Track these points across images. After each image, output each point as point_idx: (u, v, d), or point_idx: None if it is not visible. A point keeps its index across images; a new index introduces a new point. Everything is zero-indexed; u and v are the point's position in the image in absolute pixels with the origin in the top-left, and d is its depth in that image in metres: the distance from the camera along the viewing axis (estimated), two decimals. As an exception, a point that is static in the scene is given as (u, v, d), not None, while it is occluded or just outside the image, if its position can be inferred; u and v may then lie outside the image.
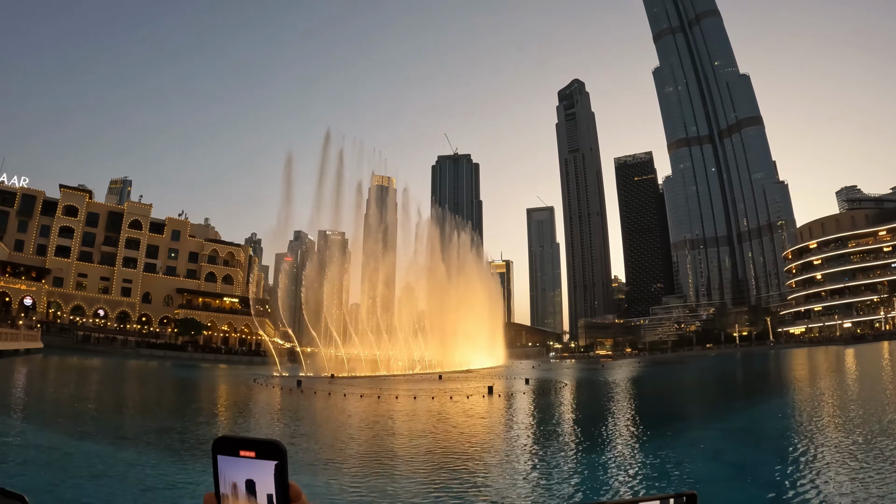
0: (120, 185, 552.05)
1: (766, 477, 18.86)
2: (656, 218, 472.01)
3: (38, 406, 37.40)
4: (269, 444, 1.66)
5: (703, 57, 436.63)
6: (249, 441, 1.66)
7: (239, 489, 1.66)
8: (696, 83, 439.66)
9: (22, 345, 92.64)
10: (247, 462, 1.65)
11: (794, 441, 26.38)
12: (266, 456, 1.65)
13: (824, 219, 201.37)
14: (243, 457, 1.66)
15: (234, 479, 1.67)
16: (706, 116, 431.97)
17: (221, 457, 1.67)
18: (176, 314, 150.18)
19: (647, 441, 28.34)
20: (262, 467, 1.65)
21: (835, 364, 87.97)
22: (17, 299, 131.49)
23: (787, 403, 43.37)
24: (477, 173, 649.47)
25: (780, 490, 17.44)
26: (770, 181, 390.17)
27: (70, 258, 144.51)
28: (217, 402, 47.46)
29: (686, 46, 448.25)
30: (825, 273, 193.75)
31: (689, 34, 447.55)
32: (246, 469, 1.66)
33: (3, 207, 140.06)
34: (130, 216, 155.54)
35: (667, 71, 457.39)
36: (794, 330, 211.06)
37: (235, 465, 1.66)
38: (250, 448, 1.66)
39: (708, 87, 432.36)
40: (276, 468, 1.65)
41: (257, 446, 1.65)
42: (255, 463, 1.65)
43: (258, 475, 1.65)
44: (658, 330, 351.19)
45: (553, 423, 37.18)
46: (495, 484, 18.87)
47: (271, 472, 1.65)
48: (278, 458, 1.65)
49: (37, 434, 25.97)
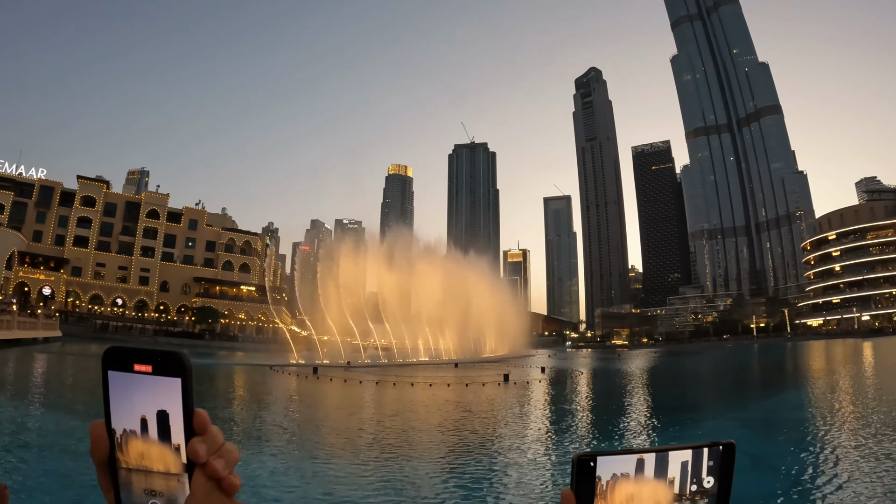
0: (137, 176, 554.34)
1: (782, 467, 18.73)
2: (674, 207, 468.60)
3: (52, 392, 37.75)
4: (169, 355, 1.28)
5: (721, 44, 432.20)
6: (146, 353, 1.28)
7: (149, 425, 1.28)
8: (714, 71, 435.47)
9: (40, 333, 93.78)
10: (144, 381, 1.27)
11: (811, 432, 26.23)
12: (166, 371, 1.27)
13: (843, 210, 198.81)
14: (138, 372, 1.27)
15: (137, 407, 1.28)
16: (724, 105, 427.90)
17: (113, 373, 1.28)
18: (193, 302, 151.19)
19: (663, 430, 28.28)
20: (164, 387, 1.27)
21: (852, 357, 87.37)
22: (36, 289, 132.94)
23: (803, 395, 43.15)
24: (494, 162, 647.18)
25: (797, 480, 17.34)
26: (789, 171, 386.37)
27: (88, 248, 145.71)
28: (233, 389, 47.74)
29: (704, 34, 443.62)
30: (844, 265, 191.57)
31: (708, 21, 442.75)
32: (146, 391, 1.27)
33: (21, 199, 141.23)
34: (148, 206, 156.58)
35: (684, 59, 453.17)
36: (811, 322, 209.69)
37: (132, 385, 1.28)
38: (146, 360, 1.27)
39: (726, 75, 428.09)
40: (182, 388, 1.27)
41: (154, 359, 1.27)
42: (153, 381, 1.27)
43: (166, 401, 1.27)
44: (675, 320, 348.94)
45: (568, 412, 37.13)
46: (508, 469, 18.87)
47: (177, 393, 1.27)
48: (181, 373, 1.28)
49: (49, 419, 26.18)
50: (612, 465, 1.12)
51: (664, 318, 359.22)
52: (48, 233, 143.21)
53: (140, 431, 1.27)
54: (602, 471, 1.12)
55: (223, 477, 1.26)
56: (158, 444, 1.27)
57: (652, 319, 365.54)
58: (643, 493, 1.13)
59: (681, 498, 1.16)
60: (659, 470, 1.15)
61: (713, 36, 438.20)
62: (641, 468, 1.14)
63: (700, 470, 1.19)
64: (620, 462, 1.13)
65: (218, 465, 1.26)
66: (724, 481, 1.21)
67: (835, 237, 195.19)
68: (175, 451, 1.27)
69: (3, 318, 78.44)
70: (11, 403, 30.61)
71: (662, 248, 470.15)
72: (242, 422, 29.10)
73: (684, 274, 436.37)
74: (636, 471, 1.13)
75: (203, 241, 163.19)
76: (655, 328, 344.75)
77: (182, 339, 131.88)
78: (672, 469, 1.16)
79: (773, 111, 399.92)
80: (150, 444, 1.27)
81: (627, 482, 1.12)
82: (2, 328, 76.32)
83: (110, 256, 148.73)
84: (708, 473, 1.20)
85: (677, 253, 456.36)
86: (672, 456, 1.17)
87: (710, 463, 1.20)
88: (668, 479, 1.15)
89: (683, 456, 1.18)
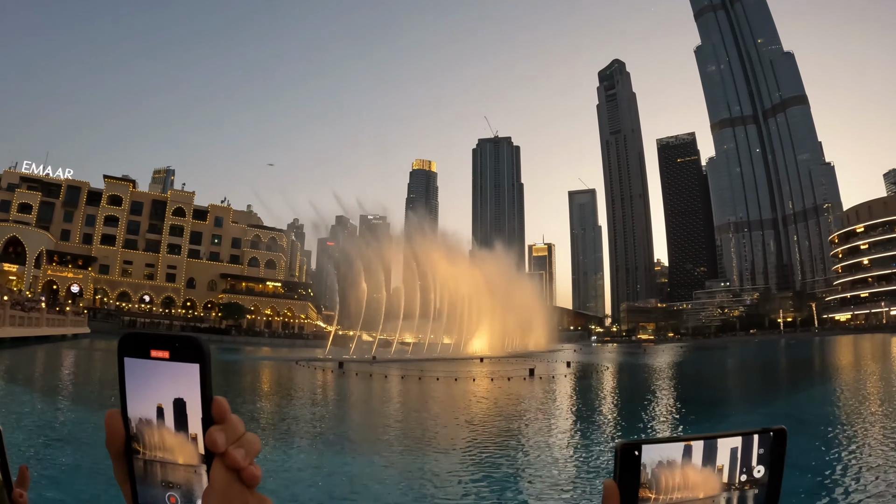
0: (163, 175, 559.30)
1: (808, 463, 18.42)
2: (699, 200, 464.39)
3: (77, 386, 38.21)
4: (187, 340, 1.20)
5: (745, 34, 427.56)
6: (163, 338, 1.21)
7: (165, 413, 1.21)
8: (738, 62, 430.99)
9: (69, 330, 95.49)
10: (161, 367, 1.20)
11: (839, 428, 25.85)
12: (184, 357, 1.19)
13: (871, 202, 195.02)
14: (155, 358, 1.20)
15: (154, 395, 1.21)
16: (750, 96, 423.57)
17: (129, 360, 1.22)
18: (220, 299, 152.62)
19: (689, 425, 28.08)
20: (182, 373, 1.19)
21: (881, 352, 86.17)
22: (65, 287, 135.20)
23: (831, 391, 42.57)
24: (518, 156, 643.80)
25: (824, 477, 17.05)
26: (816, 162, 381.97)
27: (115, 246, 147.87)
28: (260, 383, 48.00)
29: (728, 24, 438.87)
30: (872, 258, 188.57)
31: (731, 11, 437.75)
32: (164, 378, 1.20)
33: (49, 199, 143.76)
34: (174, 204, 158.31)
35: (709, 49, 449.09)
36: (839, 316, 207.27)
37: (149, 372, 1.21)
38: (163, 346, 1.20)
39: (751, 66, 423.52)
40: (200, 373, 1.19)
41: (172, 344, 1.19)
42: (171, 367, 1.19)
43: (183, 388, 1.19)
44: (701, 315, 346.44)
45: (594, 406, 36.96)
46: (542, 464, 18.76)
47: (195, 380, 1.19)
48: (199, 359, 1.19)
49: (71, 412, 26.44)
50: (658, 453, 1.09)
51: (690, 313, 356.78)
52: (76, 232, 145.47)
53: (157, 420, 1.21)
54: (647, 460, 1.08)
55: (243, 467, 1.18)
56: (176, 434, 1.21)
57: (678, 314, 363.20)
58: (691, 482, 1.10)
59: (729, 487, 1.13)
60: (707, 458, 1.12)
61: (737, 25, 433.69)
62: (689, 456, 1.11)
63: (750, 458, 1.17)
64: (667, 450, 1.09)
65: (238, 454, 1.18)
66: (774, 470, 1.19)
67: (863, 230, 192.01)
68: (193, 441, 1.21)
69: (32, 315, 79.79)
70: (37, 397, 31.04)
71: (688, 242, 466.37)
72: (267, 415, 29.24)
73: (710, 268, 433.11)
74: (683, 459, 1.10)
75: (229, 237, 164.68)
76: (681, 323, 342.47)
77: (209, 335, 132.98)
78: (721, 457, 1.14)
79: (799, 101, 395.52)
80: (167, 434, 1.21)
81: (674, 471, 1.09)
82: (31, 325, 77.72)
83: (137, 254, 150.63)
84: (758, 462, 1.17)
85: (703, 246, 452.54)
86: (721, 443, 1.14)
87: (761, 451, 1.18)
88: (716, 467, 1.13)
89: (733, 443, 1.15)
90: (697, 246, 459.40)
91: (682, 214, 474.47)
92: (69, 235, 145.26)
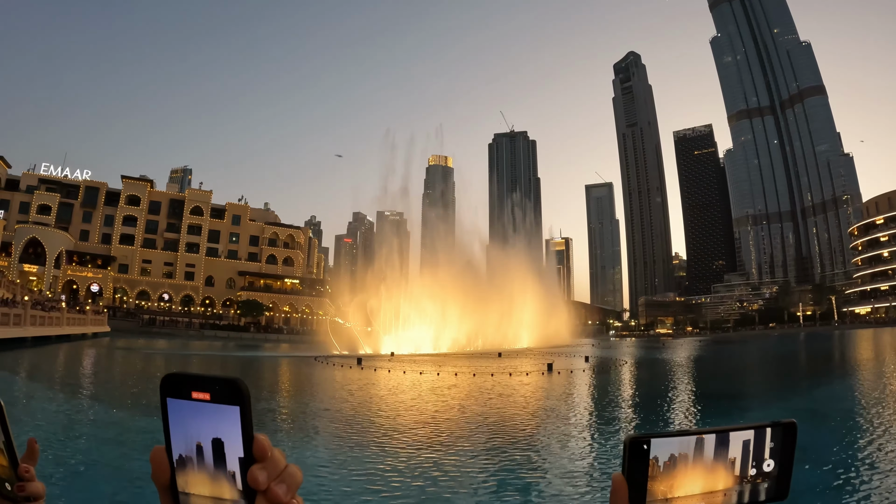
0: (180, 174, 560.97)
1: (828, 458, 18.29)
2: (717, 193, 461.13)
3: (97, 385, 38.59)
4: (227, 382, 1.22)
5: (761, 25, 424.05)
6: (203, 379, 1.23)
7: (205, 452, 1.23)
8: (755, 52, 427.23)
9: (89, 329, 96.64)
10: (202, 408, 1.22)
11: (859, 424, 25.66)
12: (224, 399, 1.21)
13: (891, 193, 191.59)
14: (196, 400, 1.23)
15: (194, 434, 1.23)
16: (767, 87, 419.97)
17: (172, 400, 1.24)
18: (238, 296, 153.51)
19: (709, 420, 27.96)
20: (222, 414, 1.21)
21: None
22: (84, 286, 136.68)
23: (851, 385, 42.23)
24: (534, 150, 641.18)
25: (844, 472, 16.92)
26: (834, 154, 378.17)
27: (134, 245, 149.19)
28: (279, 380, 48.22)
29: (744, 14, 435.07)
30: (892, 250, 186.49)
31: (747, 1, 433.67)
32: (204, 419, 1.22)
33: (67, 200, 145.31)
34: (191, 203, 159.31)
35: (725, 40, 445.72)
36: (859, 310, 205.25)
37: (190, 412, 1.23)
38: (204, 388, 1.23)
39: (768, 56, 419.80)
40: (241, 416, 1.21)
41: (212, 386, 1.22)
42: (211, 409, 1.22)
43: (223, 429, 1.21)
44: (720, 308, 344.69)
45: (613, 400, 36.87)
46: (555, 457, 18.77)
47: (236, 422, 1.21)
48: (240, 401, 1.21)
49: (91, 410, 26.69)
50: (668, 447, 1.08)
51: (709, 306, 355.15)
52: (94, 232, 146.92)
53: (197, 458, 1.24)
54: (657, 453, 1.08)
55: (285, 503, 1.22)
56: (217, 471, 1.24)
57: (696, 307, 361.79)
58: (700, 476, 1.09)
59: (740, 481, 1.13)
60: (718, 451, 1.12)
61: (753, 16, 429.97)
62: (700, 450, 1.10)
63: (762, 451, 1.17)
64: (677, 444, 1.09)
65: (279, 490, 1.21)
66: (784, 463, 1.19)
67: (882, 221, 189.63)
68: (233, 478, 1.23)
69: (53, 314, 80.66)
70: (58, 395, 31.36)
71: (706, 235, 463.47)
72: (285, 411, 29.41)
73: (729, 261, 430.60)
74: (694, 452, 1.10)
75: (247, 235, 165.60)
76: (700, 316, 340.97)
77: (228, 332, 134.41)
78: (732, 450, 1.13)
79: (816, 92, 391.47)
80: (208, 471, 1.24)
81: (685, 464, 1.08)
82: (52, 324, 78.58)
83: (156, 253, 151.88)
84: (770, 455, 1.17)
85: (721, 239, 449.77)
86: (733, 437, 1.13)
87: (772, 444, 1.18)
88: (727, 461, 1.12)
89: (744, 436, 1.15)
90: (715, 239, 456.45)
91: (700, 207, 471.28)
92: (88, 236, 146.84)
